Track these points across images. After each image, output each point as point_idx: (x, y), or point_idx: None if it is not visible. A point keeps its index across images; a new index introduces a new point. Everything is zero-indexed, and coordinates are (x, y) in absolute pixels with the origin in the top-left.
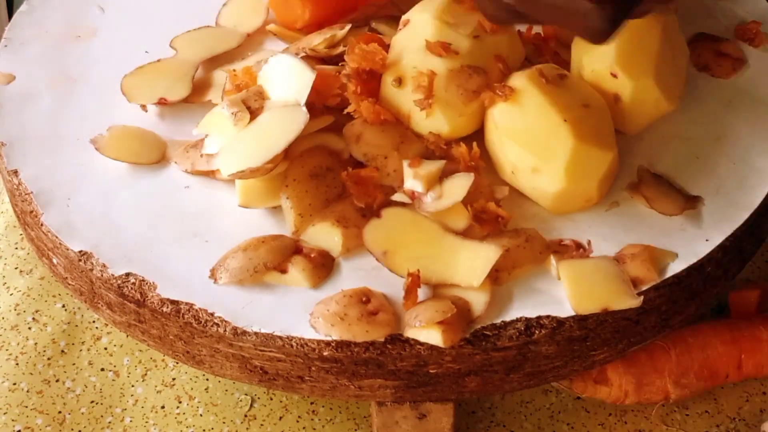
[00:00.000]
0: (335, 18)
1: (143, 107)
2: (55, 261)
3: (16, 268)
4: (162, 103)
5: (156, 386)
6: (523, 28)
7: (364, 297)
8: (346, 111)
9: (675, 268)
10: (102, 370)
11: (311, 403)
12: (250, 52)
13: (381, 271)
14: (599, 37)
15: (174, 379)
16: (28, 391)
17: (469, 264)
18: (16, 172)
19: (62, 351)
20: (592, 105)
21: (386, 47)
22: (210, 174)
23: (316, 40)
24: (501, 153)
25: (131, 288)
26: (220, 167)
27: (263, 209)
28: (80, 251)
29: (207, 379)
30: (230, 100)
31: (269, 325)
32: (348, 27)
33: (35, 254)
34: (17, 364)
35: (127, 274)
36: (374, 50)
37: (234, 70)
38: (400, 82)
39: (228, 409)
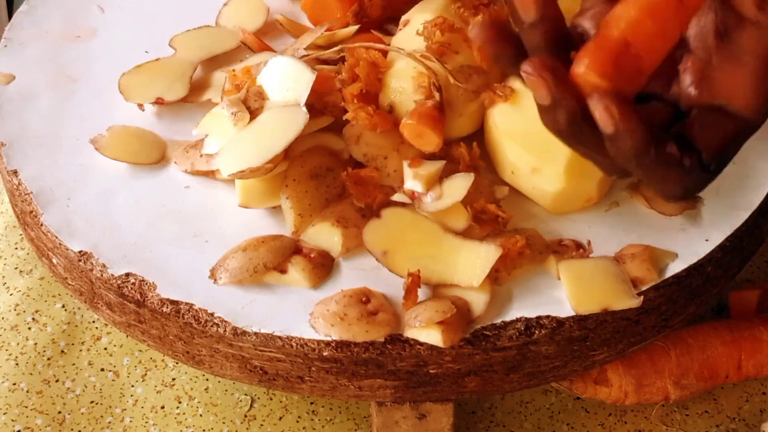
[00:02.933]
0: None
1: (140, 106)
2: (54, 261)
3: (16, 268)
4: (159, 102)
5: (156, 386)
6: None
7: (363, 297)
8: (345, 117)
9: (675, 268)
10: (102, 370)
11: (311, 403)
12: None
13: (381, 271)
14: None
15: (174, 379)
16: (27, 391)
17: (469, 264)
18: (15, 172)
19: (62, 351)
20: None
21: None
22: (210, 174)
23: (314, 36)
24: (501, 153)
25: (131, 288)
26: (220, 167)
27: (263, 209)
28: (80, 251)
29: (207, 380)
30: (230, 100)
31: (269, 325)
32: (355, 28)
33: (35, 254)
34: (17, 364)
35: (127, 274)
36: (373, 64)
37: (233, 70)
38: (391, 109)
39: (228, 409)
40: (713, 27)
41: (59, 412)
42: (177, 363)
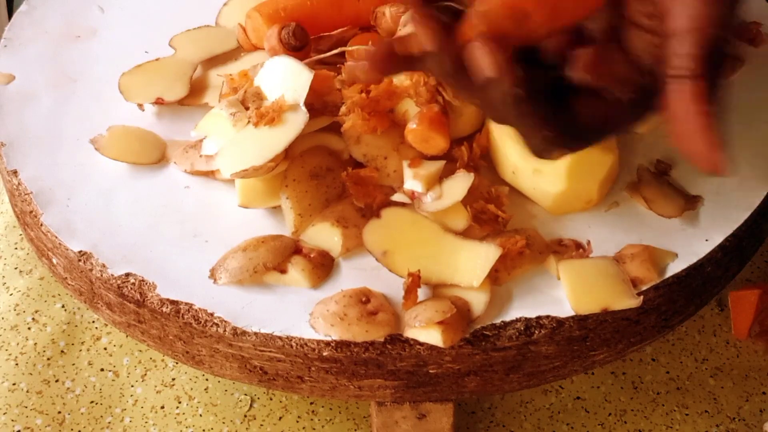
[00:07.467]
0: None
1: (140, 106)
2: (54, 261)
3: (15, 268)
4: (159, 102)
5: (156, 386)
6: None
7: (363, 297)
8: (342, 129)
9: (675, 268)
10: (102, 370)
11: (311, 403)
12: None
13: (381, 271)
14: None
15: (174, 379)
16: (27, 392)
17: (469, 264)
18: (15, 172)
19: (62, 351)
20: None
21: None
22: (210, 174)
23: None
24: (502, 153)
25: (131, 288)
26: (221, 167)
27: (263, 209)
28: (80, 251)
29: (207, 380)
30: (228, 101)
31: (269, 325)
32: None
33: (35, 254)
34: (17, 364)
35: (127, 275)
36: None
37: (231, 75)
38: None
39: (228, 409)
40: (608, 24)
41: (59, 412)
42: (177, 363)
